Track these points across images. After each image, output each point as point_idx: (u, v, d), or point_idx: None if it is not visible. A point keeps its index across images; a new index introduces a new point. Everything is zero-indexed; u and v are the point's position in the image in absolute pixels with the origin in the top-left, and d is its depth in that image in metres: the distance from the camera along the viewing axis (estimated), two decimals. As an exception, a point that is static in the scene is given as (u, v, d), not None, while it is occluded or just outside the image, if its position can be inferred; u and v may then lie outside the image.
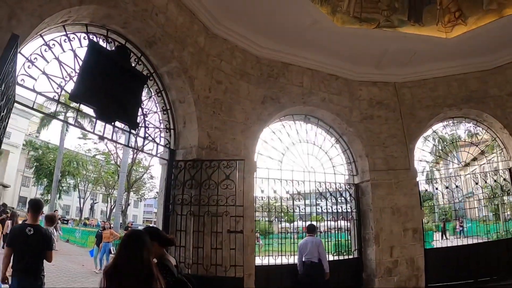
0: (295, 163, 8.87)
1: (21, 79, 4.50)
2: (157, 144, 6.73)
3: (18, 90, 4.23)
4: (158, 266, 3.09)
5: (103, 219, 63.16)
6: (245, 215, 6.50)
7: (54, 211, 25.59)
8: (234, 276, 6.09)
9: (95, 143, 44.34)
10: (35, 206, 5.26)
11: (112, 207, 54.20)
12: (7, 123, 3.80)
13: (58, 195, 60.20)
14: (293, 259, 8.18)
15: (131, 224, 24.28)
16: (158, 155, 6.92)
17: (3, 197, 64.65)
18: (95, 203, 73.05)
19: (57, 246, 22.09)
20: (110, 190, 60.52)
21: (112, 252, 14.44)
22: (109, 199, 61.60)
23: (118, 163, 41.10)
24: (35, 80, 4.73)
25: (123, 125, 6.22)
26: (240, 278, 6.19)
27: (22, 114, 66.83)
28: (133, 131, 6.21)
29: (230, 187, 6.32)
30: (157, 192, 73.94)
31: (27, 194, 67.78)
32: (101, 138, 5.99)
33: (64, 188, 63.52)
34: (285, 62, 8.74)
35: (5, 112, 3.50)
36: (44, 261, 5.07)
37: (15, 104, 4.19)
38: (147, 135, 6.49)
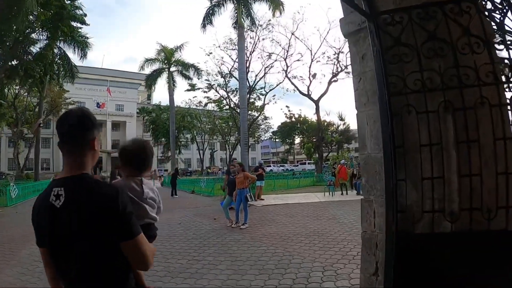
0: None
1: None
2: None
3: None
4: None
5: (223, 166, 64.37)
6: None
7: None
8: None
9: (204, 91, 42.80)
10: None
11: (231, 153, 54.05)
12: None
13: (178, 151, 62.28)
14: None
15: (260, 165, 21.42)
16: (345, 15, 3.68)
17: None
18: (214, 151, 75.10)
19: (183, 200, 20.48)
20: (226, 138, 60.62)
21: (249, 200, 11.34)
22: (226, 146, 61.90)
23: (232, 106, 39.69)
24: None
25: None
26: None
27: (130, 86, 71.92)
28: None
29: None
30: (272, 133, 74.31)
31: (149, 157, 73.08)
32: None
33: (182, 143, 65.74)
34: None
35: None
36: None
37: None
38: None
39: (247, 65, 34.01)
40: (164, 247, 8.08)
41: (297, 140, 74.41)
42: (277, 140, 79.25)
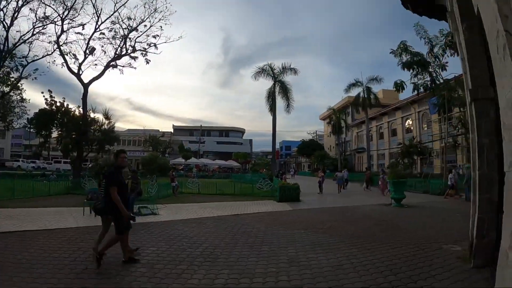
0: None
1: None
2: None
3: None
4: None
5: None
6: None
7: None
8: None
9: None
10: None
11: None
12: None
13: None
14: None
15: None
16: None
17: None
18: None
19: None
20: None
21: None
22: None
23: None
24: None
25: None
26: None
27: None
28: None
29: None
30: (28, 120, 64.29)
31: None
32: None
33: None
34: None
35: None
36: None
37: None
38: None
39: (15, 15, 27.47)
40: None
41: (55, 133, 67.82)
42: (32, 130, 70.69)
